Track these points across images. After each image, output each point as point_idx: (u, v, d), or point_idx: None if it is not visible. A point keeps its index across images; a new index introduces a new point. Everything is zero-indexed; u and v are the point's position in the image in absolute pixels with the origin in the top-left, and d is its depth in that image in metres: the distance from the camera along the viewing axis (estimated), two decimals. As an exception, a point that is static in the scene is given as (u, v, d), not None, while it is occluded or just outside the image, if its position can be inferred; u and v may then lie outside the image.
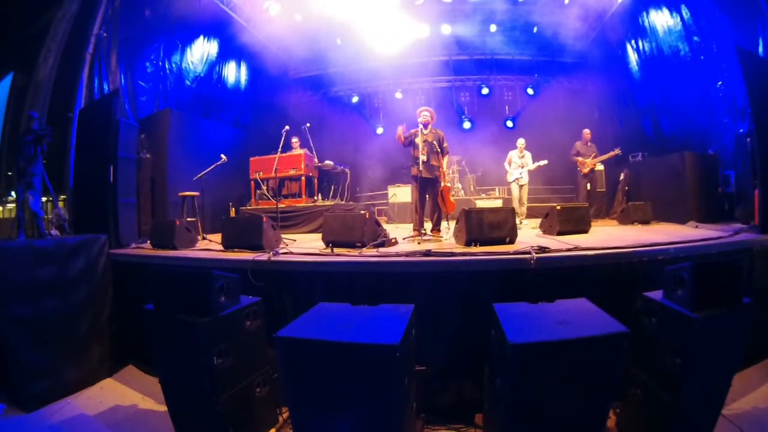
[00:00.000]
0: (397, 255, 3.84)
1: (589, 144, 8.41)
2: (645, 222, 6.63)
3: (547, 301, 2.89)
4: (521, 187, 8.18)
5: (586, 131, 8.51)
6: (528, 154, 8.22)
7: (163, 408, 3.31)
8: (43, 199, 5.66)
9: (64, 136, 6.63)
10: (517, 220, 7.19)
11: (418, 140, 5.39)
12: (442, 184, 5.51)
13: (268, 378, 3.31)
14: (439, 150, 5.47)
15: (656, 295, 2.90)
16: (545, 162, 8.10)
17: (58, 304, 4.25)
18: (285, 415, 3.47)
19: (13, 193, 6.75)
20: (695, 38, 7.38)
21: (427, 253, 3.76)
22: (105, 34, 7.23)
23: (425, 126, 5.46)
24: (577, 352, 2.29)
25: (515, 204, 8.13)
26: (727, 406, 3.00)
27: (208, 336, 2.77)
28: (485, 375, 3.14)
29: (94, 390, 4.33)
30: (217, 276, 2.91)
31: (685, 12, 7.52)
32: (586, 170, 8.27)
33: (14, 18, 7.12)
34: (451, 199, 5.69)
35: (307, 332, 2.48)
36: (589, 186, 8.32)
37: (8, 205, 7.25)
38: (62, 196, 6.88)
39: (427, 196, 5.65)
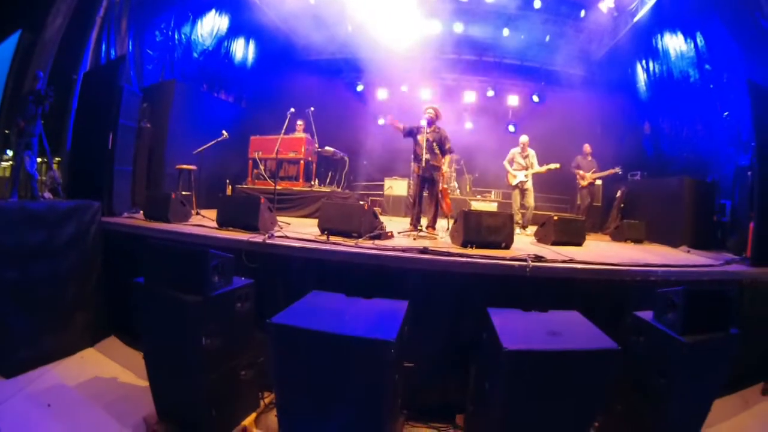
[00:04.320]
0: (394, 249, 3.81)
1: (589, 159, 8.48)
2: (638, 241, 6.67)
3: (539, 310, 2.91)
4: (524, 192, 7.24)
5: (587, 146, 8.58)
6: (532, 153, 7.31)
7: (144, 383, 3.27)
8: (39, 160, 5.56)
9: (65, 97, 6.49)
10: (519, 229, 6.88)
11: (421, 138, 5.31)
12: (441, 186, 5.49)
13: (253, 362, 3.30)
14: (438, 151, 5.42)
15: (646, 314, 2.95)
16: (557, 166, 7.18)
17: (46, 269, 4.16)
18: (267, 400, 3.46)
19: (8, 152, 6.61)
20: (707, 66, 7.37)
21: (425, 250, 3.74)
22: (117, -1, 7.11)
23: (429, 124, 5.34)
24: (569, 363, 2.31)
25: (515, 211, 7.24)
26: (704, 430, 3.04)
27: (200, 315, 2.75)
28: (471, 376, 3.16)
29: (75, 359, 4.26)
30: (213, 255, 2.87)
31: (700, 39, 7.50)
32: (584, 183, 8.34)
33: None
34: (449, 200, 5.69)
35: (303, 321, 2.46)
36: (589, 199, 8.39)
37: (2, 163, 7.09)
38: (57, 159, 6.76)
39: (424, 193, 5.64)
